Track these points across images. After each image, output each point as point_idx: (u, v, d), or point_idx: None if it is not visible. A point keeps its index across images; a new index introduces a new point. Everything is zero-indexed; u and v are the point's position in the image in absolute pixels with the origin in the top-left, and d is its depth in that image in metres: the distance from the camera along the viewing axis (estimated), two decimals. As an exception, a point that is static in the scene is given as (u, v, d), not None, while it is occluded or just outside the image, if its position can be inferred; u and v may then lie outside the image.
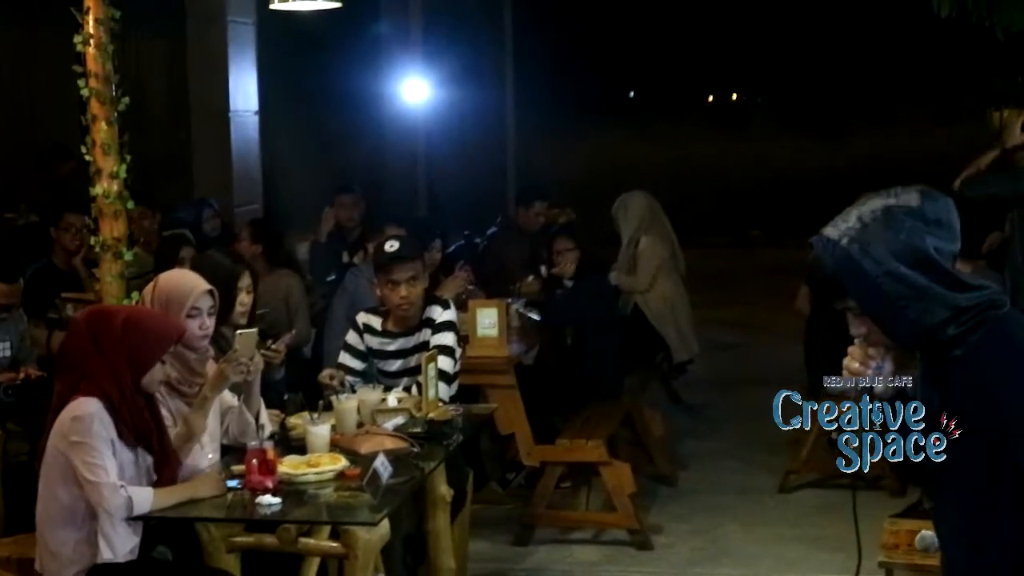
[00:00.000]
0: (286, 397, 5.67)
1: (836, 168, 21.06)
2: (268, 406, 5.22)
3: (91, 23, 5.51)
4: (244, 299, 5.42)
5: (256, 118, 10.52)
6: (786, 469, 7.26)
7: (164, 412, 4.49)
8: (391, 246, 5.71)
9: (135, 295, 5.64)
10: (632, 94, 26.00)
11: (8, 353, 6.05)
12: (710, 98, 35.56)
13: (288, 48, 11.76)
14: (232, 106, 10.21)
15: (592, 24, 24.87)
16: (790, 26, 26.06)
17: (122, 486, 4.09)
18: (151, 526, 4.28)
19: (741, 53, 28.83)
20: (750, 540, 6.51)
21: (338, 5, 5.50)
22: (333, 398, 5.20)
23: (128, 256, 5.69)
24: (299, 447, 4.79)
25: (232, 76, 10.17)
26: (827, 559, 6.15)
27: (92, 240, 5.73)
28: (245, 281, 5.45)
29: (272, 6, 5.47)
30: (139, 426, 4.27)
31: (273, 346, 5.56)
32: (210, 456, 4.60)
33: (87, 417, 4.11)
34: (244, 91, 10.33)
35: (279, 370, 5.72)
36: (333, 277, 8.24)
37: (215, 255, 5.96)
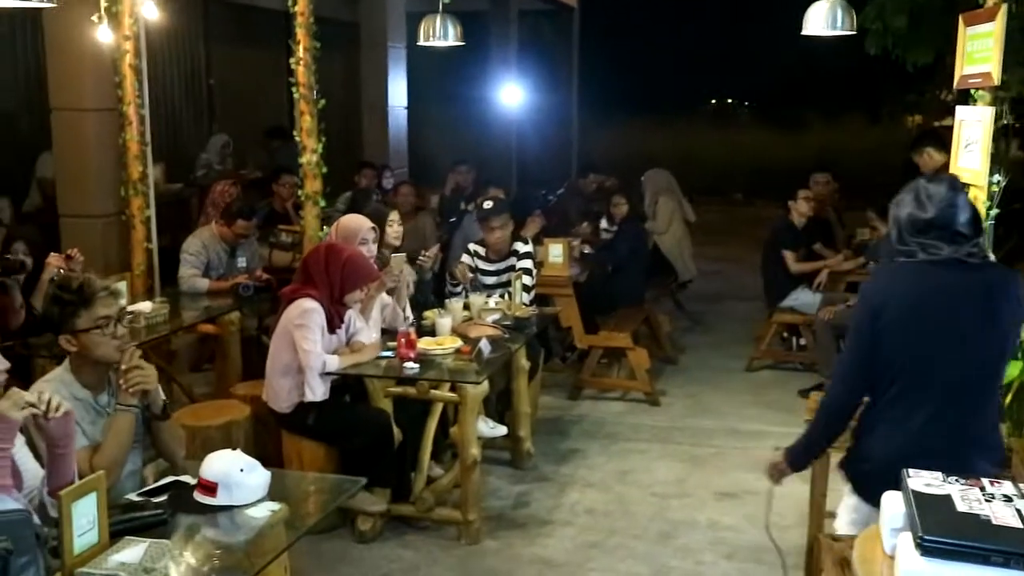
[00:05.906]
0: (432, 298, 5.73)
1: (795, 153, 20.59)
2: (419, 301, 5.32)
3: (301, 50, 5.57)
4: (394, 228, 5.41)
5: (405, 111, 10.60)
6: (750, 356, 7.24)
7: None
8: (487, 204, 5.73)
9: (326, 229, 5.78)
10: (656, 98, 25.68)
11: (245, 264, 6.15)
12: (713, 101, 35.02)
13: (428, 65, 11.80)
14: (390, 103, 10.29)
15: (631, 46, 24.66)
16: (767, 51, 25.53)
17: (321, 354, 4.25)
18: (339, 381, 4.42)
19: (733, 69, 28.40)
20: (724, 402, 6.52)
21: (462, 44, 5.47)
22: (447, 301, 5.28)
23: (323, 204, 5.81)
24: (430, 331, 4.90)
25: (390, 83, 10.24)
26: (775, 416, 6.18)
27: (299, 192, 5.84)
28: (393, 217, 5.45)
29: (419, 43, 5.49)
30: (336, 323, 4.40)
31: (424, 255, 5.60)
32: (373, 335, 4.67)
33: (310, 310, 4.24)
34: (398, 93, 10.39)
35: (428, 272, 5.66)
36: (453, 219, 8.32)
37: (375, 204, 6.12)
